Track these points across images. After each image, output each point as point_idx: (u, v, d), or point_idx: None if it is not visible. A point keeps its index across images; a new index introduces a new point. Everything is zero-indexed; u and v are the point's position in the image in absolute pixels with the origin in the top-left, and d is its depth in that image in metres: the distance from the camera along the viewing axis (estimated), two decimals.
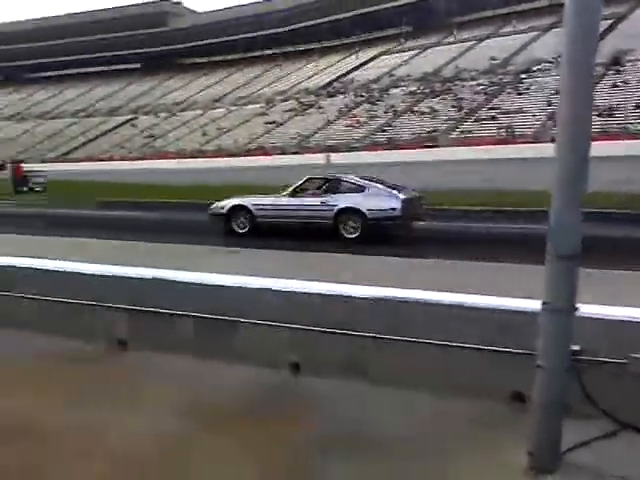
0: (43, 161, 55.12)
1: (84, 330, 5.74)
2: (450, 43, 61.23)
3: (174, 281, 5.78)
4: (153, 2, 78.62)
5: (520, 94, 46.48)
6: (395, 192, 10.70)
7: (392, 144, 45.33)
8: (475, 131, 43.42)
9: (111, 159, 56.63)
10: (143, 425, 3.98)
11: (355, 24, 66.14)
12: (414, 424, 3.92)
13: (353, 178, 11.28)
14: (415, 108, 50.63)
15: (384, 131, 48.77)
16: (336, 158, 44.64)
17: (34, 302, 6.02)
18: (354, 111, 54.01)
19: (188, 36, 75.37)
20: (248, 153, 51.46)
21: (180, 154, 54.23)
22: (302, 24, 68.70)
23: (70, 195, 23.42)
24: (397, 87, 55.78)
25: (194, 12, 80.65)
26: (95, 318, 5.76)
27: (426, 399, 4.17)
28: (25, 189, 29.55)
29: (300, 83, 64.89)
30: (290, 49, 72.35)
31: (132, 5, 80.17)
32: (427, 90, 52.83)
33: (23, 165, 35.69)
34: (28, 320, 5.96)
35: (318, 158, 45.26)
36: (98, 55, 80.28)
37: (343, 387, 4.42)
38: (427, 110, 49.17)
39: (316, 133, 52.80)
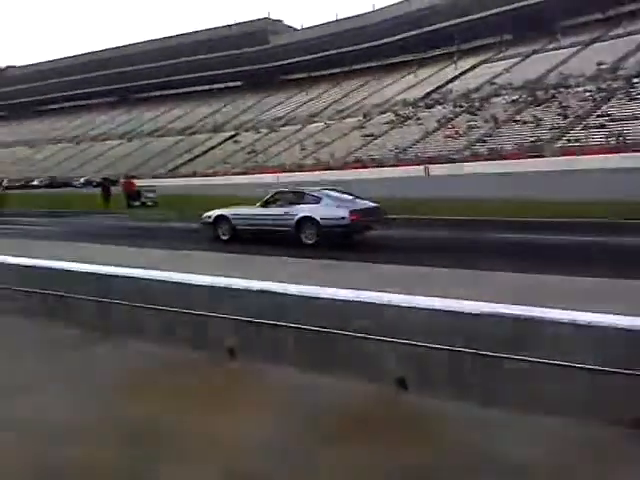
0: (153, 177, 58.00)
1: (198, 339, 5.94)
2: (554, 49, 59.05)
3: (278, 293, 5.88)
4: (254, 21, 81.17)
5: (632, 99, 43.99)
6: (346, 203, 11.93)
7: (493, 155, 44.16)
8: (583, 140, 41.49)
9: (215, 174, 58.75)
10: (250, 431, 4.05)
11: (454, 34, 65.28)
12: (538, 450, 3.74)
13: (312, 190, 12.68)
14: (517, 117, 49.11)
15: (484, 142, 47.61)
16: (435, 170, 44.05)
17: (156, 312, 6.31)
18: (453, 122, 53.14)
19: (288, 53, 77.15)
20: (345, 166, 51.79)
21: (280, 168, 55.42)
22: (399, 36, 68.62)
23: (181, 209, 24.47)
24: (498, 96, 54.38)
25: (294, 29, 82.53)
26: (208, 328, 5.96)
27: (548, 423, 3.96)
28: (137, 204, 31.13)
29: (398, 95, 64.70)
30: (387, 62, 72.42)
31: (234, 25, 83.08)
32: (530, 98, 51.13)
33: (135, 181, 37.68)
34: (151, 329, 6.25)
35: (416, 170, 44.85)
36: (202, 74, 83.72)
37: (452, 405, 4.30)
38: (530, 119, 47.55)
39: (414, 145, 52.37)
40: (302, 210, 12.15)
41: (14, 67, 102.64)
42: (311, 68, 77.78)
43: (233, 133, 72.40)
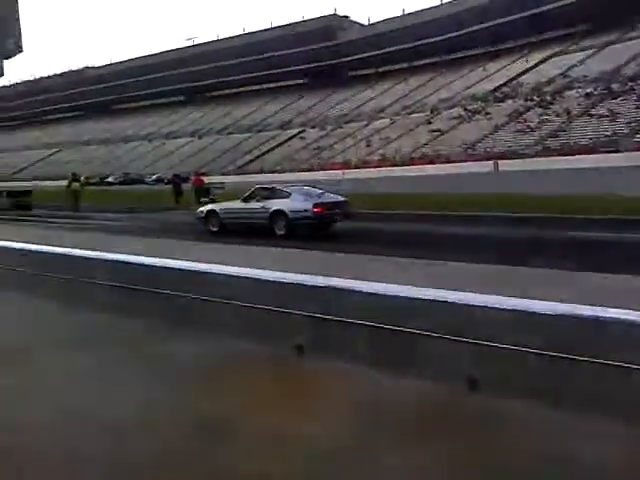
0: (222, 174, 59.15)
1: (270, 334, 6.04)
2: (632, 39, 56.52)
3: (351, 290, 5.92)
4: (322, 17, 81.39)
5: None
6: (312, 198, 13.44)
7: (566, 150, 42.73)
8: None
9: (282, 171, 59.39)
10: (318, 430, 4.09)
11: (523, 26, 63.41)
12: (611, 452, 3.63)
13: (284, 186, 14.68)
14: (592, 111, 47.35)
15: (557, 136, 46.14)
16: (505, 165, 43.04)
17: (231, 306, 6.46)
18: (524, 116, 51.75)
19: (355, 49, 76.92)
20: (412, 162, 51.31)
21: (345, 165, 55.45)
22: (467, 30, 67.26)
23: None
24: (572, 89, 52.55)
25: (361, 25, 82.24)
26: (277, 324, 6.06)
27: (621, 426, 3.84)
28: (206, 200, 31.89)
29: (466, 90, 63.52)
30: (455, 56, 71.15)
31: (301, 22, 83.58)
32: (605, 91, 49.18)
33: (204, 177, 38.56)
34: (227, 323, 6.40)
35: (485, 166, 43.94)
36: (270, 72, 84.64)
37: (526, 409, 4.21)
38: (606, 113, 45.75)
39: (483, 140, 51.32)
40: (275, 204, 13.57)
41: (91, 68, 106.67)
42: (377, 64, 77.32)
43: (299, 130, 72.92)
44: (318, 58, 79.99)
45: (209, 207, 15.30)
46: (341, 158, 59.06)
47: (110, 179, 65.19)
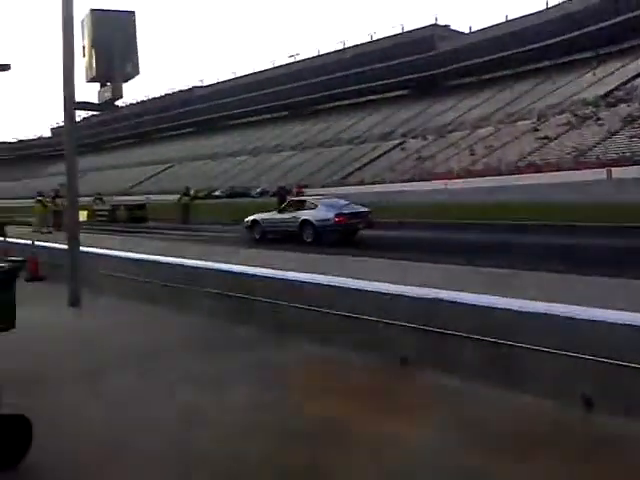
0: (323, 186, 59.98)
1: (366, 344, 6.07)
2: None
3: (454, 302, 5.83)
4: (421, 28, 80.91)
5: None
6: (335, 209, 15.45)
7: None
8: None
9: (382, 182, 59.36)
10: (421, 441, 4.06)
11: (636, 26, 59.89)
12: None
13: (311, 198, 17.01)
14: None
15: None
16: (618, 173, 40.80)
17: (317, 314, 6.57)
18: (639, 121, 48.87)
19: (455, 57, 75.85)
20: (518, 170, 49.74)
21: (448, 175, 54.62)
22: (574, 33, 64.46)
23: None
24: None
25: (461, 33, 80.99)
26: (378, 333, 6.06)
27: None
28: None
29: (575, 95, 60.85)
30: (561, 60, 68.38)
31: (400, 33, 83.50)
32: None
33: (304, 190, 39.39)
34: (315, 329, 6.51)
35: (598, 173, 41.85)
36: (370, 85, 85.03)
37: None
38: None
39: (595, 147, 48.93)
40: (303, 214, 15.42)
41: (199, 87, 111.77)
42: (479, 72, 75.80)
43: (400, 141, 72.65)
44: (419, 68, 79.53)
45: (252, 217, 17.14)
46: (444, 168, 58.24)
47: (217, 192, 67.76)
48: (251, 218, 17.09)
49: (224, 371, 5.76)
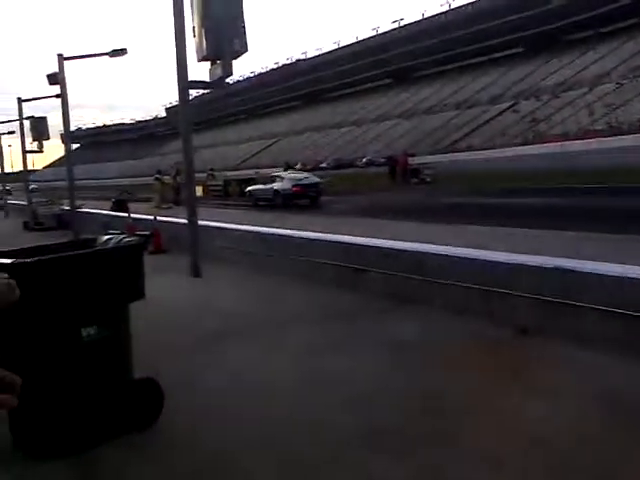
0: (430, 153, 58.80)
1: (490, 315, 5.92)
2: None
3: (574, 271, 5.56)
4: None
5: None
6: (294, 181, 22.64)
7: None
8: None
9: (493, 147, 57.29)
10: (548, 411, 3.92)
11: None
12: None
13: (282, 174, 24.72)
14: None
15: None
16: None
17: (450, 287, 6.46)
18: None
19: (571, 11, 71.13)
20: None
21: (564, 136, 51.80)
22: None
23: (465, 185, 24.56)
24: None
25: None
26: (500, 304, 5.90)
27: None
28: (415, 180, 31.93)
29: None
30: None
31: None
32: None
33: (411, 158, 38.61)
34: (448, 303, 6.42)
35: None
36: (479, 46, 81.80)
37: None
38: None
39: None
40: (274, 186, 23.11)
41: (303, 60, 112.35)
42: (598, 24, 70.65)
43: (512, 103, 69.61)
44: (531, 25, 75.40)
45: (249, 188, 25.37)
46: (559, 130, 55.28)
47: (324, 164, 68.29)
48: (248, 189, 25.38)
49: (344, 337, 5.85)
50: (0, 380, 1.37)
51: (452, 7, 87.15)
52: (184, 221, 10.36)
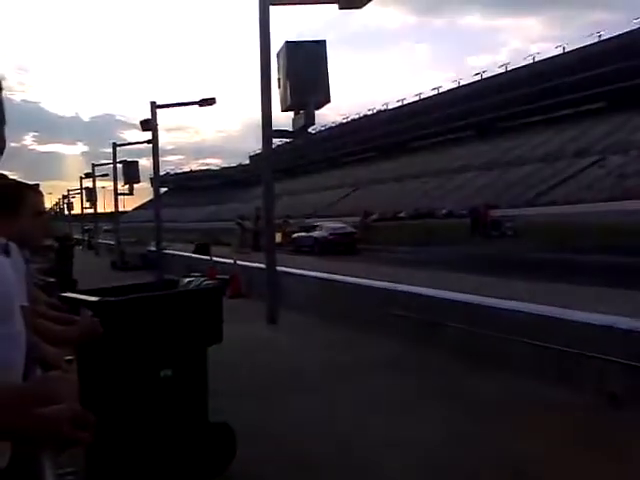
0: (511, 206, 57.53)
1: (571, 379, 5.59)
2: None
3: None
4: (627, 33, 74.94)
5: None
6: (330, 230, 26.21)
7: None
8: None
9: (578, 202, 55.44)
10: None
11: None
12: None
13: (316, 223, 28.68)
14: None
15: None
16: None
17: (525, 345, 6.17)
18: None
19: None
20: None
21: None
22: None
23: (548, 239, 23.80)
24: None
25: None
26: (583, 368, 5.56)
27: None
28: (495, 234, 31.21)
29: None
30: None
31: (601, 41, 78.15)
32: None
33: (493, 210, 37.86)
34: (520, 364, 6.12)
35: None
36: (563, 98, 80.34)
37: None
38: None
39: None
40: (314, 234, 26.06)
41: (384, 111, 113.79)
42: None
43: (598, 157, 67.56)
44: (618, 79, 73.56)
45: (294, 235, 27.50)
46: None
47: (402, 214, 68.04)
48: (294, 236, 27.38)
49: (415, 395, 5.67)
50: (78, 417, 1.39)
51: (536, 60, 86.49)
52: (262, 266, 10.48)
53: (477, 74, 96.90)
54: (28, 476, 1.46)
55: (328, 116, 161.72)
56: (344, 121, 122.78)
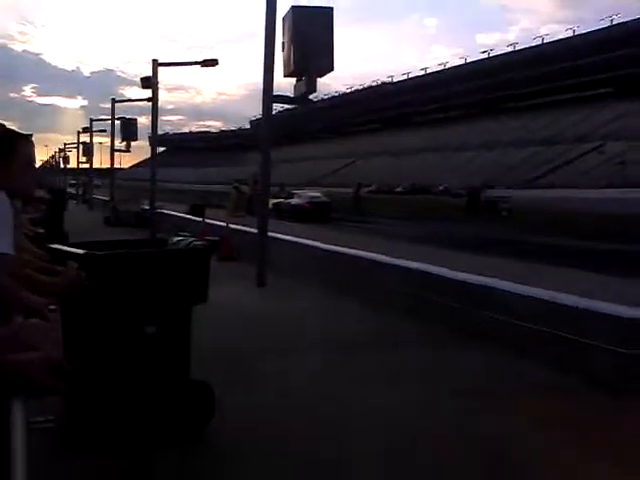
0: (508, 187, 57.46)
1: (562, 363, 5.61)
2: None
3: None
4: (634, 20, 74.15)
5: None
6: (307, 199, 29.81)
7: None
8: None
9: (575, 187, 55.42)
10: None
11: None
12: None
13: (294, 191, 31.75)
14: None
15: None
16: None
17: (521, 328, 6.19)
18: None
19: None
20: None
21: None
22: None
23: (542, 222, 23.80)
24: None
25: None
26: (573, 353, 5.58)
27: None
28: (489, 214, 31.25)
29: None
30: None
31: (611, 26, 77.32)
32: None
33: (488, 190, 37.88)
34: (521, 345, 6.13)
35: None
36: (569, 82, 79.79)
37: None
38: None
39: None
40: (292, 201, 28.96)
41: (388, 83, 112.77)
42: None
43: (598, 144, 67.35)
44: (626, 65, 72.96)
45: (273, 201, 24.38)
46: None
47: (399, 188, 67.94)
48: (273, 202, 25.61)
49: (403, 369, 5.72)
50: (54, 365, 1.40)
51: (545, 41, 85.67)
52: (255, 231, 10.50)
53: (484, 52, 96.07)
54: None
55: (331, 86, 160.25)
56: (347, 91, 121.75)
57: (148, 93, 18.76)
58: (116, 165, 35.00)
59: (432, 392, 5.05)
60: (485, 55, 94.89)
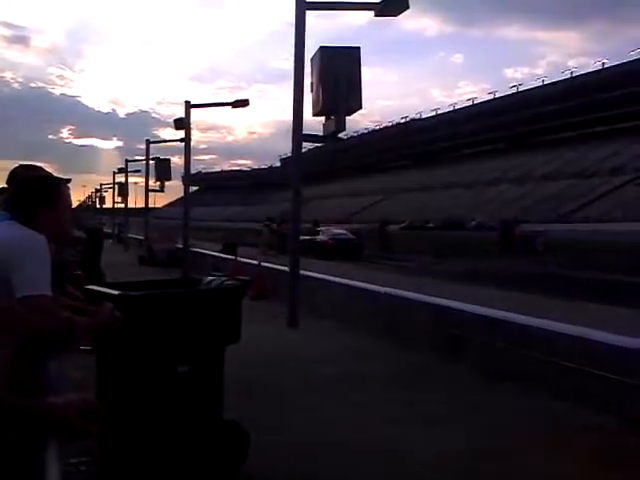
0: (541, 221, 56.74)
1: (594, 402, 5.45)
2: None
3: None
4: None
5: None
6: (330, 235, 29.02)
7: None
8: None
9: (612, 220, 54.41)
10: None
11: None
12: None
13: (319, 229, 30.68)
14: None
15: None
16: None
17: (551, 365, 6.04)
18: None
19: None
20: None
21: None
22: None
23: (580, 257, 23.27)
24: None
25: None
26: (607, 391, 5.42)
27: None
28: (525, 249, 30.74)
29: None
30: None
31: (633, 60, 76.87)
32: None
33: (521, 225, 37.36)
34: (549, 384, 5.99)
35: None
36: (599, 115, 79.13)
37: None
38: None
39: None
40: (316, 238, 27.29)
41: (417, 120, 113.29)
42: None
43: (635, 176, 66.34)
44: None
45: (301, 238, 28.57)
46: None
47: (431, 224, 67.57)
48: (300, 238, 28.78)
49: (428, 408, 5.62)
50: (88, 409, 1.41)
51: (574, 74, 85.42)
52: (287, 269, 10.49)
53: (513, 86, 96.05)
54: (34, 463, 1.49)
55: (360, 122, 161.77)
56: (376, 128, 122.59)
57: (181, 134, 19.18)
58: (150, 204, 35.69)
59: (466, 432, 4.96)
60: (514, 90, 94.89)
